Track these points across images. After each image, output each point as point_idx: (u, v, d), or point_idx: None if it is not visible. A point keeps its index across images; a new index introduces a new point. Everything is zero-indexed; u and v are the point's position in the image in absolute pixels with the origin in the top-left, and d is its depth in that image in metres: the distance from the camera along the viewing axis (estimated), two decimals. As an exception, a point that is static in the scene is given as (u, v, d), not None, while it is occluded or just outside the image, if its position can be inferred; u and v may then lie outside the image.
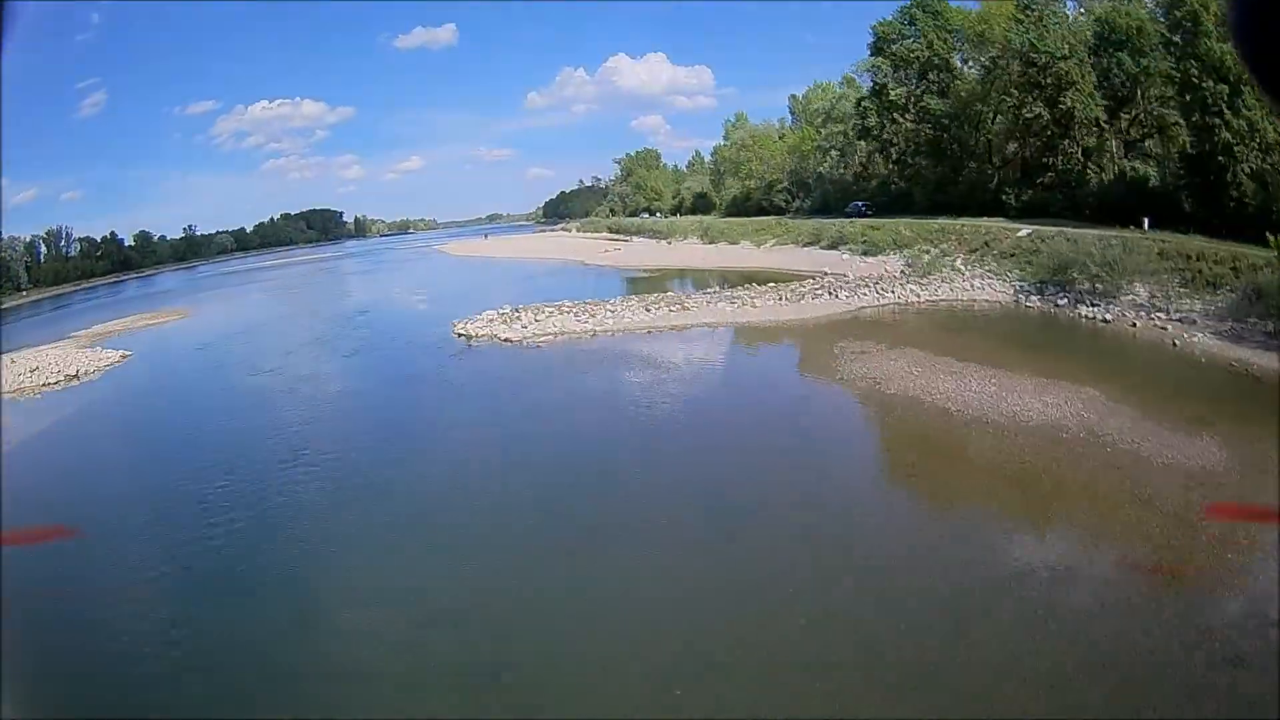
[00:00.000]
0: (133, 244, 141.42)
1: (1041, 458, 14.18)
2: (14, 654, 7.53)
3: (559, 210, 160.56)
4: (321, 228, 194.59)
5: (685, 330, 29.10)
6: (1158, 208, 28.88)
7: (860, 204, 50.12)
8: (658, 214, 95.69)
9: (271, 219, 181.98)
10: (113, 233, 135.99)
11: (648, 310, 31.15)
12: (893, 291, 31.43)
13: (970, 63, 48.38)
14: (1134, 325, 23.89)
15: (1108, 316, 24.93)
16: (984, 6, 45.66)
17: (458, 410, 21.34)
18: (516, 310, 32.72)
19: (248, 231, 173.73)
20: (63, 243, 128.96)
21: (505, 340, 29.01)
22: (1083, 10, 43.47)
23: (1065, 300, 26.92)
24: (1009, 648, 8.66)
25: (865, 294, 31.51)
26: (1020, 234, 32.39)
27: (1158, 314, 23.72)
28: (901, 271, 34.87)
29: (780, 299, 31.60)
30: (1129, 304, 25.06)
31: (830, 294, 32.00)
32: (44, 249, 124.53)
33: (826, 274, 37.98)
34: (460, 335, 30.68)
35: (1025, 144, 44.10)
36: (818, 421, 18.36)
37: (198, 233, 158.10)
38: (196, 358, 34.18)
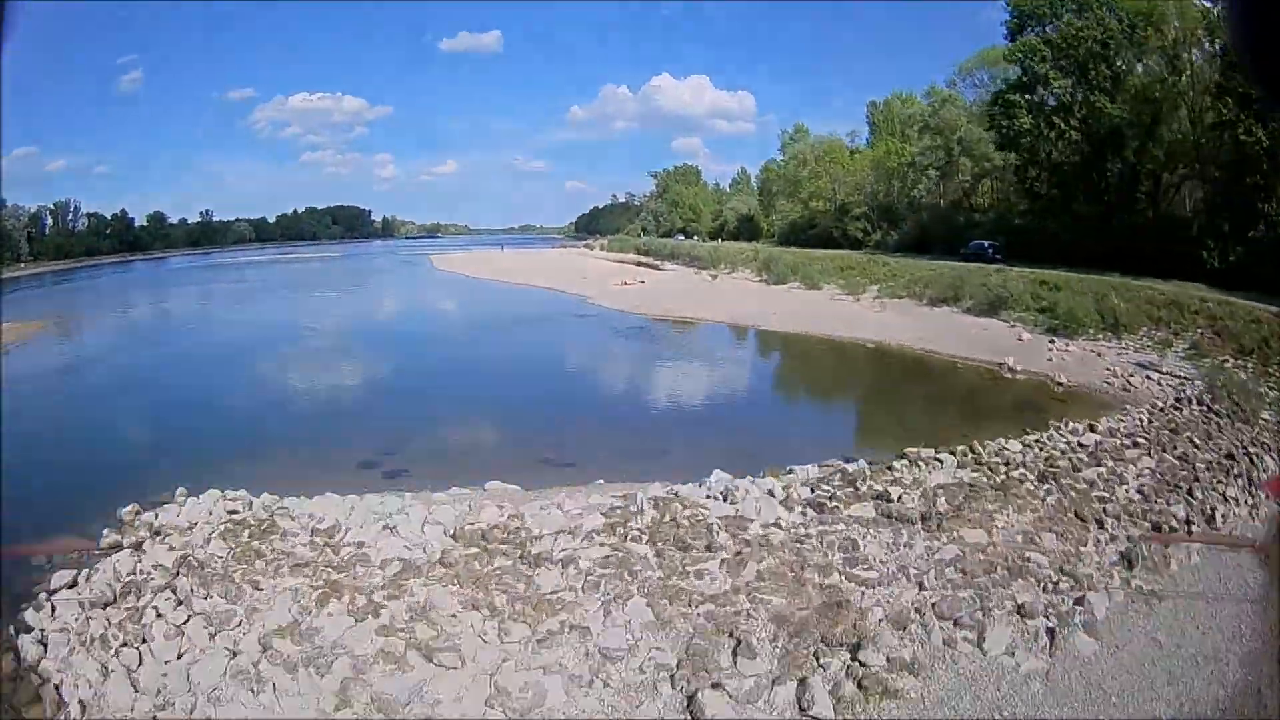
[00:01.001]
0: (145, 224, 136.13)
1: None
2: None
3: (590, 226, 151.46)
4: (348, 224, 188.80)
5: None
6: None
7: (986, 244, 36.10)
8: (694, 236, 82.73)
9: (295, 211, 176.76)
10: (124, 210, 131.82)
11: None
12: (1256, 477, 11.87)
13: (1127, 60, 34.53)
14: None
15: None
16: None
17: None
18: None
19: (270, 222, 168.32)
20: (70, 217, 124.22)
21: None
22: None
23: None
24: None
25: (1232, 496, 11.24)
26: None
27: None
28: (1189, 395, 16.94)
29: (1132, 574, 9.01)
30: None
31: (1210, 515, 10.66)
32: (50, 221, 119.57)
33: (1011, 369, 22.24)
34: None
35: (1230, 181, 30.26)
36: None
37: (215, 218, 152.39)
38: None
